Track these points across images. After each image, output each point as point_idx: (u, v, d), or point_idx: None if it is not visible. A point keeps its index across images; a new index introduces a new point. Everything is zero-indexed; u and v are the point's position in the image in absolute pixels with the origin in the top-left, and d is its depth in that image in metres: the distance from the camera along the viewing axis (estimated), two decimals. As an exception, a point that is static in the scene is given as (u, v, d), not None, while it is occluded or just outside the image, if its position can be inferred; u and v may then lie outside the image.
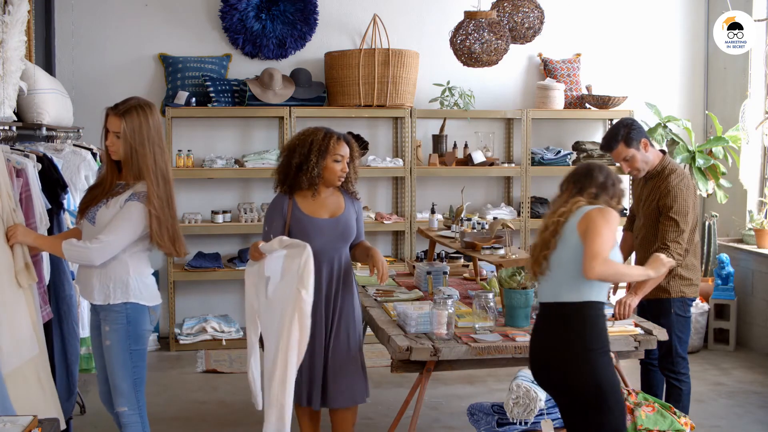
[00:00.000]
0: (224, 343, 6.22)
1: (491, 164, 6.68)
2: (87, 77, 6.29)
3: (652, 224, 4.08)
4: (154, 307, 3.32)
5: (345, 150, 3.53)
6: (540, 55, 6.98)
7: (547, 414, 3.65)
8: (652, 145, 4.11)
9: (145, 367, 3.33)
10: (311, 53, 6.65)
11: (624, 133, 4.04)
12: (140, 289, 3.24)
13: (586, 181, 3.11)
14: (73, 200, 4.39)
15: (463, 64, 5.62)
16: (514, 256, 4.22)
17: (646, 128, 6.89)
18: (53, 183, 4.00)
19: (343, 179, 3.56)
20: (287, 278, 3.28)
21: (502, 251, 4.29)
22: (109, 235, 3.12)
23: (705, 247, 6.50)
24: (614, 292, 4.55)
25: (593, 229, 2.93)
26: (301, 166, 3.48)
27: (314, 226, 3.50)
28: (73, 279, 3.88)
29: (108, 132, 3.24)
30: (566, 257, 3.01)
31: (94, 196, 3.27)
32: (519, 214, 6.75)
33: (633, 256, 4.36)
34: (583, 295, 2.98)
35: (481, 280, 4.81)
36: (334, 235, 3.53)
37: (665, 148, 6.15)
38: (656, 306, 4.10)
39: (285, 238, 3.36)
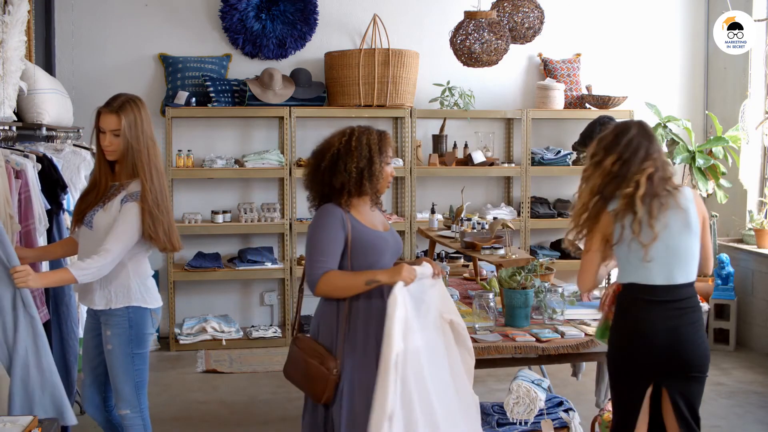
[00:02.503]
0: (224, 343, 6.22)
1: (491, 164, 6.68)
2: (87, 77, 6.29)
3: None
4: (156, 310, 3.29)
5: (391, 152, 3.16)
6: (540, 55, 6.98)
7: (547, 414, 3.65)
8: None
9: (147, 369, 3.32)
10: (311, 53, 6.65)
11: (599, 130, 4.10)
12: (141, 293, 3.22)
13: (625, 144, 3.01)
14: (72, 200, 4.39)
15: (463, 64, 5.62)
16: (514, 256, 4.21)
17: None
18: (53, 183, 4.00)
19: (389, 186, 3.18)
20: (430, 310, 3.00)
21: (502, 251, 4.29)
22: (115, 243, 3.08)
23: (705, 247, 6.49)
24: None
25: (707, 226, 3.09)
26: (363, 171, 2.98)
27: (381, 242, 3.04)
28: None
29: (103, 132, 3.18)
30: (689, 242, 3.00)
31: (89, 202, 3.23)
32: (519, 214, 6.75)
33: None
34: (691, 276, 3.04)
35: (481, 280, 4.81)
36: (394, 250, 3.12)
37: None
38: None
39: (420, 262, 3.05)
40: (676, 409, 3.04)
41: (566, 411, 3.74)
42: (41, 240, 3.76)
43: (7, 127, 3.95)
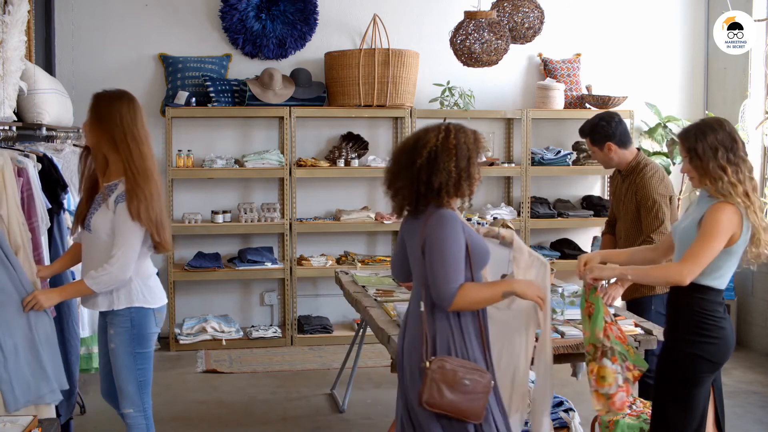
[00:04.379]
0: (224, 343, 6.22)
1: (491, 164, 6.68)
2: (87, 77, 6.28)
3: (633, 220, 4.15)
4: (159, 309, 3.28)
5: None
6: (540, 55, 6.98)
7: (547, 414, 3.64)
8: (622, 146, 4.16)
9: (150, 369, 3.32)
10: (311, 53, 6.65)
11: (589, 131, 4.21)
12: (143, 293, 3.21)
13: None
14: (72, 200, 4.39)
15: (463, 64, 5.62)
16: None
17: (645, 128, 6.91)
18: (53, 183, 4.00)
19: None
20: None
21: (502, 251, 4.28)
22: (120, 247, 3.10)
23: (705, 247, 6.49)
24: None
25: None
26: (462, 171, 2.79)
27: (487, 248, 2.92)
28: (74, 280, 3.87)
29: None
30: None
31: (86, 204, 3.25)
32: (519, 214, 6.74)
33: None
34: None
35: (481, 280, 4.80)
36: None
37: (639, 146, 6.19)
38: (637, 303, 4.13)
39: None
40: (720, 397, 3.12)
41: (566, 411, 3.74)
42: (44, 239, 3.77)
43: (7, 127, 3.95)
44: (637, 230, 4.11)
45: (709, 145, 2.94)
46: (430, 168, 2.77)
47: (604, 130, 4.13)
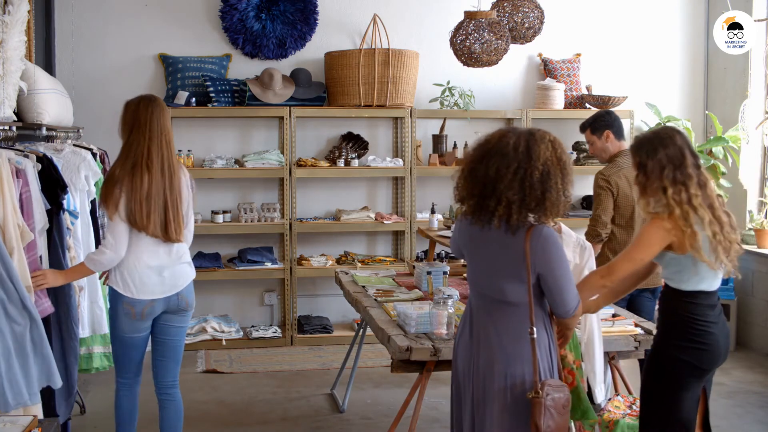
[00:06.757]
0: (224, 343, 6.22)
1: (491, 164, 6.66)
2: (87, 77, 6.28)
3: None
4: (129, 300, 3.48)
5: None
6: (540, 55, 6.98)
7: (547, 414, 3.63)
8: (617, 137, 4.61)
9: (122, 353, 3.59)
10: (311, 53, 6.65)
11: (591, 121, 4.69)
12: (117, 278, 3.51)
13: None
14: (72, 200, 4.38)
15: (463, 64, 5.62)
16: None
17: (646, 128, 6.91)
18: (53, 183, 3.99)
19: None
20: None
21: (502, 251, 4.28)
22: (109, 230, 3.47)
23: (705, 247, 6.50)
24: None
25: None
26: (563, 190, 2.69)
27: None
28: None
29: None
30: None
31: None
32: (519, 214, 6.73)
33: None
34: None
35: (481, 280, 4.80)
36: None
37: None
38: None
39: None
40: (707, 401, 3.12)
41: (566, 411, 3.73)
42: (41, 240, 3.76)
43: (7, 127, 3.95)
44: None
45: (657, 162, 2.92)
46: (544, 183, 2.65)
47: (604, 120, 4.64)
